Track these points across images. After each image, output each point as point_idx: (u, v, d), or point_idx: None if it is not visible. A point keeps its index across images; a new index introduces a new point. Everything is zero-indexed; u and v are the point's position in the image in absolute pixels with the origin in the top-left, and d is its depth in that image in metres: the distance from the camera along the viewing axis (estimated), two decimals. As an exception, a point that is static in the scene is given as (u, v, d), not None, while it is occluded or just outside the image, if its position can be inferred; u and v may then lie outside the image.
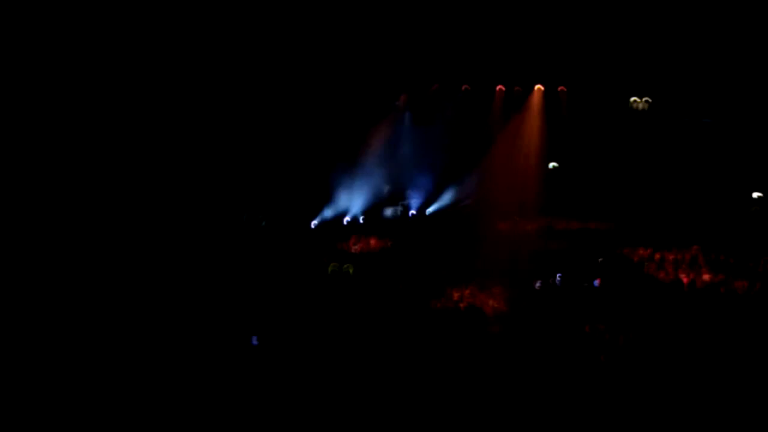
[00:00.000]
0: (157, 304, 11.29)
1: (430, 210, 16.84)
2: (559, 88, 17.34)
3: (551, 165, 17.51)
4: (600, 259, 13.14)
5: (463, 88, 17.35)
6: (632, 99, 17.28)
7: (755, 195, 15.65)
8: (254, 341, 10.18)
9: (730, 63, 15.44)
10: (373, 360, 9.83)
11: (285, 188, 16.10)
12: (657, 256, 13.36)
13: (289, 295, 11.98)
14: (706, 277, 12.35)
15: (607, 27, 15.59)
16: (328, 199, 16.30)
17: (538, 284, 12.29)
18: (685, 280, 12.35)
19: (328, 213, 16.22)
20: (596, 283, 12.18)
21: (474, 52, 16.24)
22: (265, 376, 9.39)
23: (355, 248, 14.68)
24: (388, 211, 16.86)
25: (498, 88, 17.32)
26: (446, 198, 17.07)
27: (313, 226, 15.88)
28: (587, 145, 16.85)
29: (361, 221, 16.36)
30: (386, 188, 17.17)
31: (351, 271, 13.01)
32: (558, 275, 12.40)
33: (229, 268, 12.89)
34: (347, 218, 16.37)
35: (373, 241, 15.01)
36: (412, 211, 16.86)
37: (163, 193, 15.21)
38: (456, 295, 12.31)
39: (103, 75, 15.16)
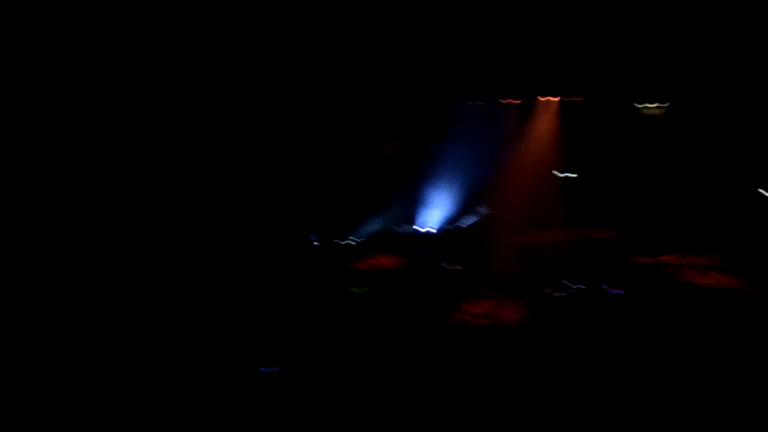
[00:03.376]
0: (160, 326, 11.27)
1: (448, 226, 16.73)
2: (570, 98, 17.27)
3: (565, 175, 17.35)
4: (614, 267, 13.00)
5: (473, 102, 17.37)
6: (644, 105, 17.13)
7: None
8: (265, 369, 10.10)
9: (743, 64, 15.25)
10: (391, 377, 9.78)
11: (295, 206, 16.01)
12: (676, 261, 13.15)
13: (304, 318, 11.96)
14: (727, 281, 12.11)
15: (617, 32, 15.52)
16: (349, 217, 16.23)
17: (556, 294, 12.18)
18: (705, 284, 12.13)
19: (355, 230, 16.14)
20: (614, 290, 12.02)
21: (483, 66, 16.25)
22: (278, 400, 9.35)
23: (370, 267, 14.66)
24: (403, 228, 16.81)
25: (507, 101, 17.31)
26: (463, 213, 16.99)
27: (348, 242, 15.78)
28: (602, 152, 16.70)
29: (373, 239, 16.33)
30: (405, 208, 17.10)
31: (364, 291, 12.98)
32: (576, 284, 12.27)
33: (236, 292, 12.88)
34: (362, 237, 16.33)
35: (388, 260, 14.99)
36: (430, 228, 16.78)
37: (167, 205, 15.10)
38: (473, 310, 12.21)
39: (102, 75, 14.94)
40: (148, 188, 15.12)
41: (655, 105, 17.12)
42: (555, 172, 16.92)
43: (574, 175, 17.05)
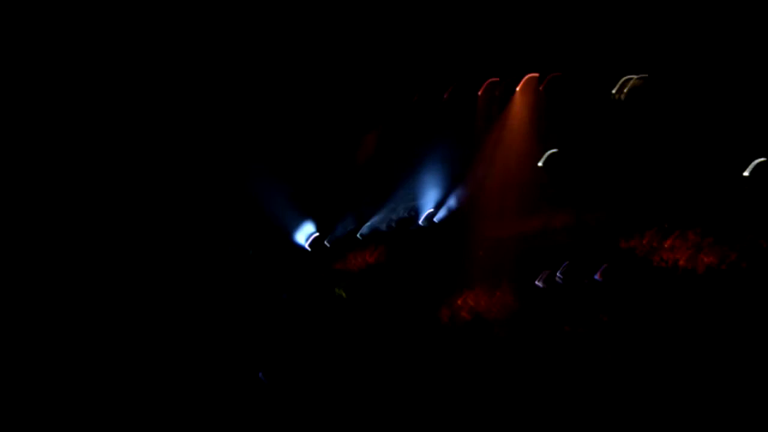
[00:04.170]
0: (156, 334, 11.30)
1: (436, 218, 16.65)
2: (547, 76, 17.04)
3: (549, 153, 17.19)
4: (599, 251, 12.95)
5: (445, 96, 17.16)
6: (626, 78, 16.93)
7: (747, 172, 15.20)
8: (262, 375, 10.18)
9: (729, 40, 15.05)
10: (382, 372, 9.85)
11: (273, 210, 15.94)
12: (655, 242, 13.08)
13: (291, 320, 12.01)
14: (707, 259, 12.06)
15: (593, 7, 15.29)
16: (327, 216, 16.16)
17: (540, 283, 12.18)
18: (684, 264, 12.09)
19: (337, 230, 16.08)
20: (597, 276, 12.01)
21: (452, 53, 16.02)
22: (274, 404, 9.43)
23: (354, 265, 14.65)
24: (383, 226, 16.76)
25: (482, 86, 17.09)
26: (445, 204, 16.92)
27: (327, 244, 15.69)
28: (580, 130, 16.53)
29: (359, 237, 16.28)
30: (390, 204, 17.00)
31: (344, 294, 12.99)
32: (559, 272, 12.26)
33: (225, 296, 12.88)
34: (338, 236, 16.24)
35: (370, 256, 14.96)
36: (420, 223, 16.69)
37: (159, 210, 14.88)
38: (459, 302, 12.23)
39: (102, 78, 14.70)
40: (141, 192, 15.07)
41: (635, 77, 16.96)
42: (532, 155, 16.80)
43: (555, 150, 16.86)
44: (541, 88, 16.46)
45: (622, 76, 16.87)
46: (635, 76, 16.82)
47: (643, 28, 15.32)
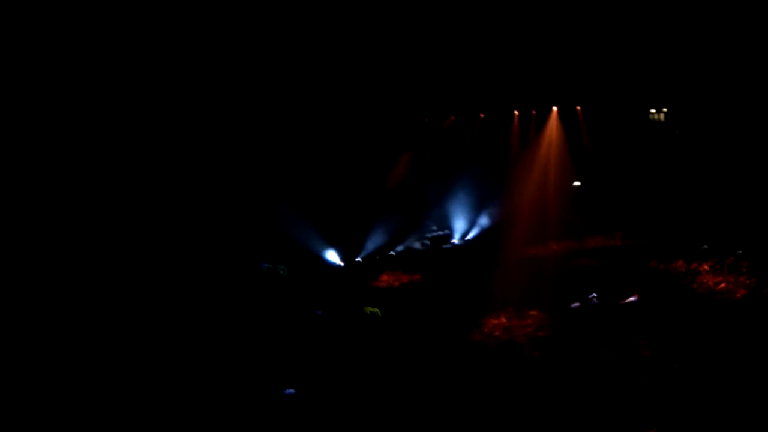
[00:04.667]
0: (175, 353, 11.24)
1: (469, 237, 16.63)
2: (576, 108, 17.36)
3: (574, 184, 17.44)
4: (634, 275, 12.97)
5: (481, 116, 17.43)
6: (651, 111, 17.22)
7: None
8: (288, 391, 10.07)
9: (745, 68, 15.31)
10: (412, 396, 9.76)
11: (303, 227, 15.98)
12: (693, 266, 13.12)
13: (321, 339, 11.96)
14: (745, 284, 12.07)
15: (618, 41, 15.59)
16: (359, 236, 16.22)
17: (574, 305, 12.15)
18: (722, 288, 12.09)
19: (371, 247, 16.10)
20: (633, 299, 11.99)
21: (486, 80, 16.31)
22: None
23: (387, 283, 14.68)
24: (417, 244, 16.83)
25: (515, 113, 17.37)
26: (478, 224, 16.99)
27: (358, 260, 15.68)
28: (609, 161, 16.76)
29: (392, 255, 16.31)
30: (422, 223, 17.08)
31: (378, 312, 12.95)
32: (593, 294, 12.25)
33: (258, 313, 12.88)
34: (372, 253, 16.33)
35: (403, 276, 15.01)
36: (453, 241, 16.72)
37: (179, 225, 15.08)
38: (491, 323, 12.20)
39: (102, 80, 14.91)
40: (154, 201, 15.14)
41: (659, 111, 17.24)
42: (563, 182, 16.99)
43: (578, 183, 17.06)
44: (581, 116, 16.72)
45: (650, 105, 17.23)
46: (658, 111, 17.19)
47: (671, 59, 15.67)
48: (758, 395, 8.57)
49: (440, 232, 16.96)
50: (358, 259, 15.83)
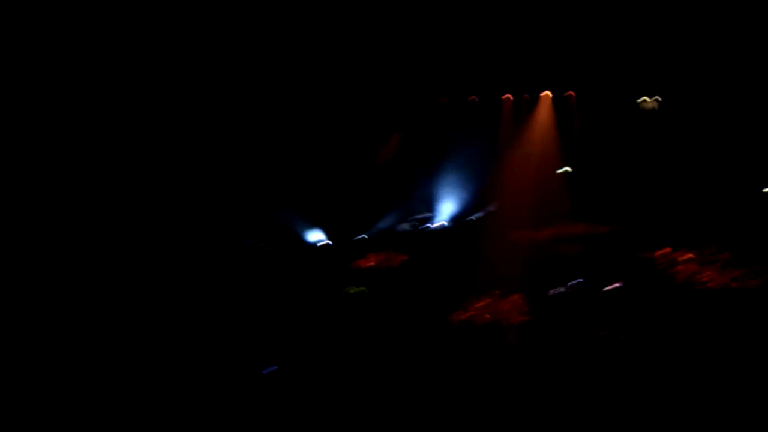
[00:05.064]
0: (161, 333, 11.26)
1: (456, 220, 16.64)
2: (567, 93, 17.29)
3: (564, 169, 17.43)
4: (618, 262, 13.04)
5: (470, 98, 17.36)
6: (641, 99, 17.18)
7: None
8: (267, 371, 10.10)
9: (740, 57, 15.27)
10: (392, 374, 9.85)
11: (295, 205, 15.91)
12: (673, 256, 13.20)
13: (304, 319, 12.00)
14: (724, 275, 12.17)
15: (611, 28, 15.51)
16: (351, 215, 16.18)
17: (556, 291, 12.23)
18: (701, 279, 12.19)
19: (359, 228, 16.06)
20: (618, 285, 12.09)
21: (479, 62, 16.23)
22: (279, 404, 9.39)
23: (371, 265, 14.72)
24: (405, 225, 16.85)
25: (505, 96, 17.30)
26: (466, 207, 17.00)
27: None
28: (599, 147, 16.75)
29: (379, 234, 16.32)
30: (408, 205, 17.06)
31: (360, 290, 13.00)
32: (576, 281, 12.33)
33: (237, 292, 12.88)
34: (366, 235, 16.32)
35: (388, 257, 15.05)
36: (443, 222, 16.74)
37: (166, 204, 15.07)
38: (473, 307, 12.28)
39: (102, 77, 14.97)
40: (146, 188, 15.11)
41: (651, 98, 17.19)
42: (553, 168, 16.99)
43: (570, 169, 17.07)
44: (572, 101, 16.66)
45: (643, 93, 17.17)
46: (651, 98, 17.13)
47: (664, 46, 15.61)
48: (737, 384, 8.71)
49: (428, 214, 16.98)
50: (348, 238, 15.86)
